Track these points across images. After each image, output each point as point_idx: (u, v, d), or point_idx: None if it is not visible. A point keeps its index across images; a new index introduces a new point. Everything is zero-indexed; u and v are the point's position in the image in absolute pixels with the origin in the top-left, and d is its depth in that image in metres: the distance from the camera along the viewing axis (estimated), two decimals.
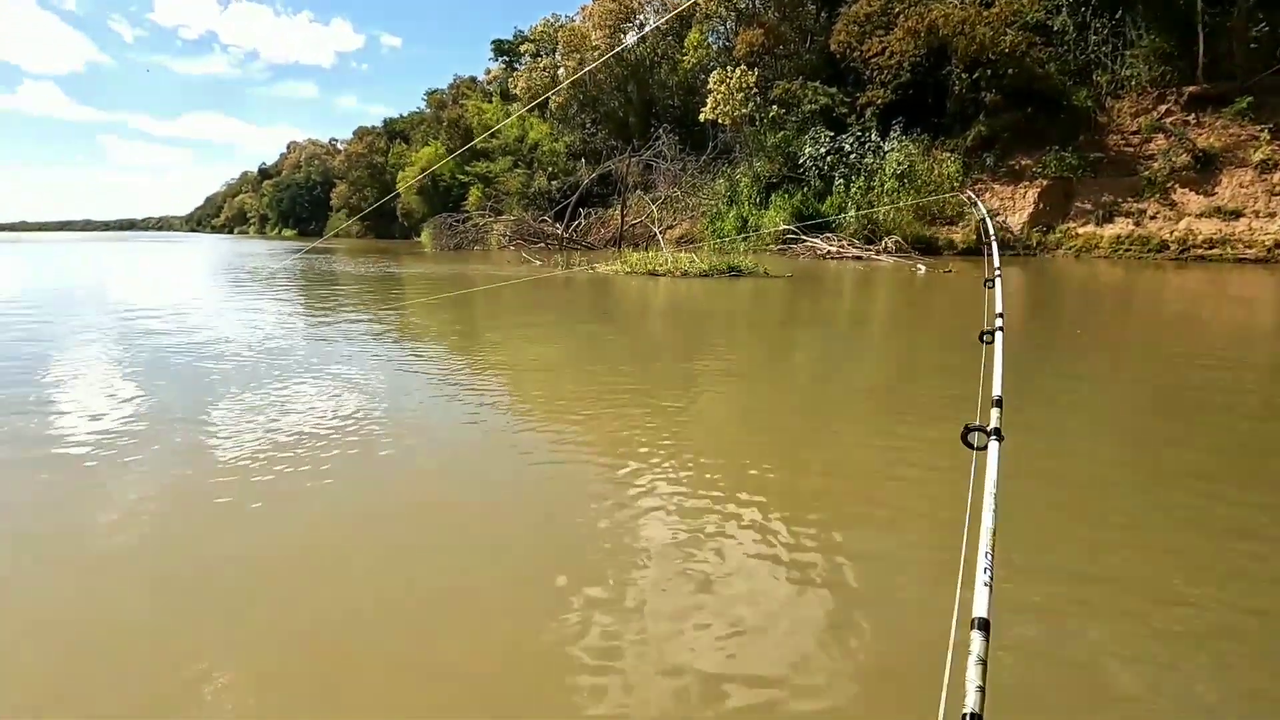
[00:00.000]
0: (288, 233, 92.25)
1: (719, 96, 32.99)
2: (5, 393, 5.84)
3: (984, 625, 0.93)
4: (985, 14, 27.71)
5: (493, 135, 47.24)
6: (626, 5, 42.48)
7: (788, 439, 4.84)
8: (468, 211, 39.56)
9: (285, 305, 13.70)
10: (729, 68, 33.46)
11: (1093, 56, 27.88)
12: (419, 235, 41.61)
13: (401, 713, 2.11)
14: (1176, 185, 24.41)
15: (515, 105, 48.95)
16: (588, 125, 44.62)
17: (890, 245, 25.10)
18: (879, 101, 30.22)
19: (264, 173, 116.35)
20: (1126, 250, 24.35)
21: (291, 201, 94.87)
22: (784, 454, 4.47)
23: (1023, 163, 27.89)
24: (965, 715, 0.81)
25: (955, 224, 27.88)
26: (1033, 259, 25.41)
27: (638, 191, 35.64)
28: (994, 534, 1.10)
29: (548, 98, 42.59)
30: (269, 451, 4.30)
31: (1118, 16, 27.12)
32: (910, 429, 4.97)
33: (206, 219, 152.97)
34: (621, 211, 34.42)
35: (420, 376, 6.71)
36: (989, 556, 1.04)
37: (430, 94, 66.68)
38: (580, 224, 35.70)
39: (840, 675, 2.19)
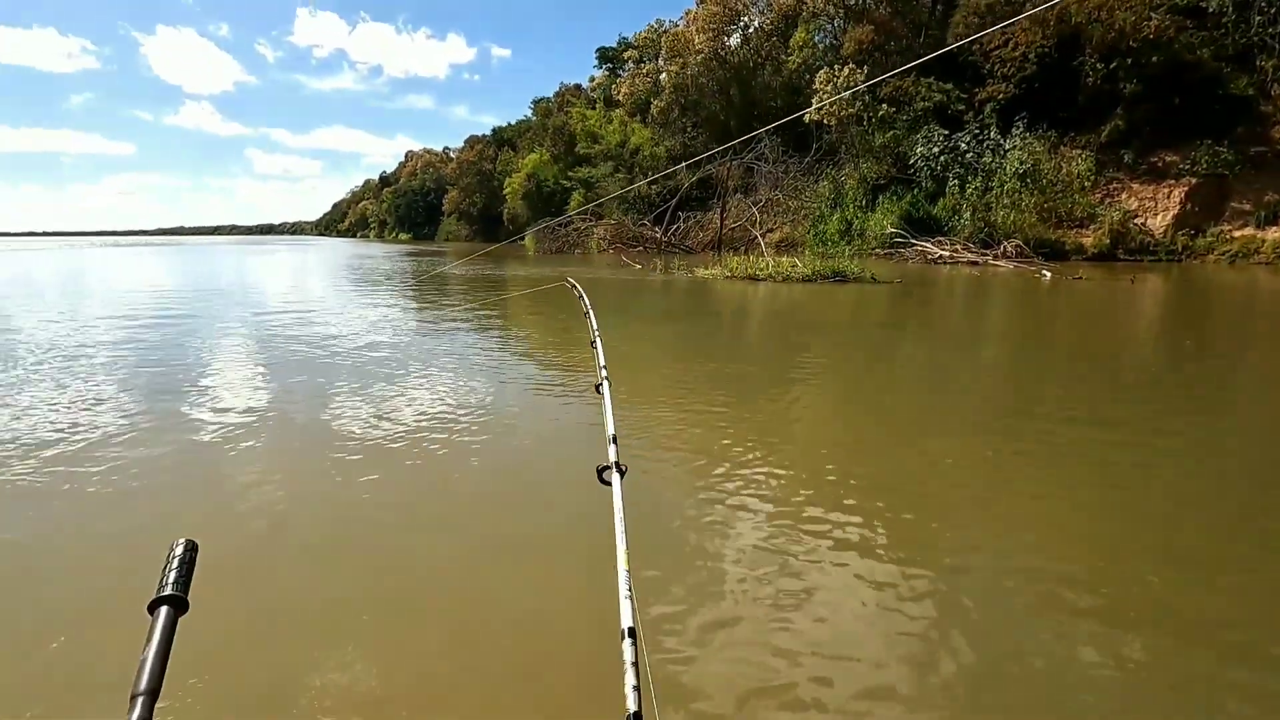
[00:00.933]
0: (404, 236, 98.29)
1: (825, 96, 32.09)
2: (185, 366, 6.56)
3: (631, 633, 1.00)
4: None
5: (595, 140, 48.27)
6: (731, 8, 42.20)
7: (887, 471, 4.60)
8: (569, 216, 40.59)
9: (404, 301, 14.56)
10: (836, 66, 32.51)
11: (1256, 39, 24.91)
12: (523, 239, 43.12)
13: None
14: None
15: (618, 111, 49.75)
16: (688, 129, 44.65)
17: (1010, 249, 23.50)
18: (1000, 96, 28.42)
19: (384, 180, 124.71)
20: None
21: (408, 207, 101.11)
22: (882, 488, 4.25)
23: (1167, 159, 25.37)
24: (628, 715, 0.87)
25: (1085, 226, 25.75)
26: (1176, 265, 23.05)
27: (738, 195, 35.31)
28: (628, 555, 1.19)
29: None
30: (395, 432, 4.58)
31: None
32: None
33: (333, 224, 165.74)
34: (721, 215, 34.21)
35: (520, 373, 6.92)
36: (626, 573, 1.14)
37: (536, 102, 69.13)
38: (679, 228, 35.80)
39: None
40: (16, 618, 2.72)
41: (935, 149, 28.37)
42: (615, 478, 1.47)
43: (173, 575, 0.73)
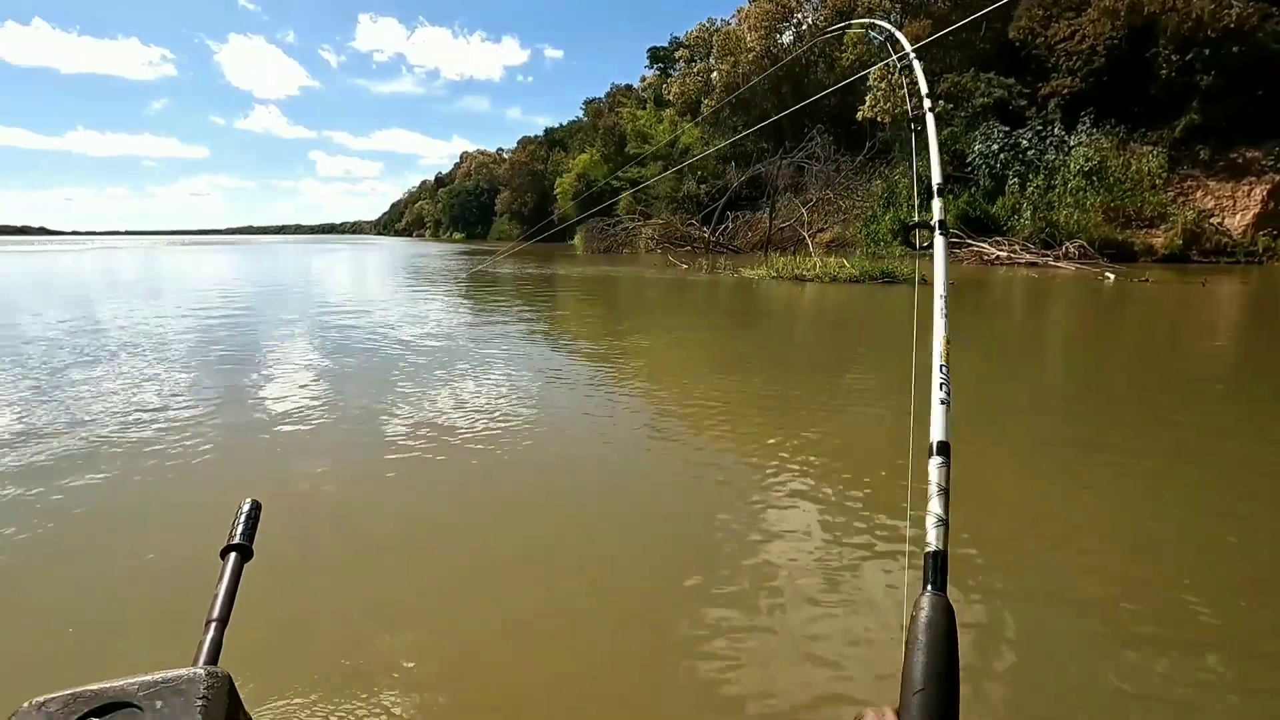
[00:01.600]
0: (457, 236, 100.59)
1: (879, 93, 31.51)
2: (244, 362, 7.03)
3: (943, 450, 0.81)
4: None
5: (645, 140, 48.46)
6: (784, 5, 41.77)
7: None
8: (618, 216, 40.87)
9: (457, 300, 15.00)
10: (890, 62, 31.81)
11: None
12: (572, 238, 43.66)
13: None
14: None
15: (668, 111, 49.84)
16: (739, 128, 44.38)
17: (1072, 250, 22.60)
18: (1065, 91, 27.33)
19: (439, 181, 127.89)
20: None
21: (461, 207, 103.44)
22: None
23: (1248, 155, 23.97)
24: (928, 553, 0.73)
25: (1155, 227, 24.53)
26: (1256, 268, 21.75)
27: (787, 194, 34.93)
28: (947, 344, 0.94)
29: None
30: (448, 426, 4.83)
31: None
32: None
33: (391, 223, 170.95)
34: (770, 215, 33.91)
35: (570, 372, 7.09)
36: (944, 371, 0.91)
37: (588, 103, 69.78)
38: (727, 227, 35.64)
39: None
40: (116, 557, 3.23)
41: (994, 146, 27.49)
42: (938, 240, 1.15)
43: (240, 528, 0.86)
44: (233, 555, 0.82)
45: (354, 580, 2.99)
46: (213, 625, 0.73)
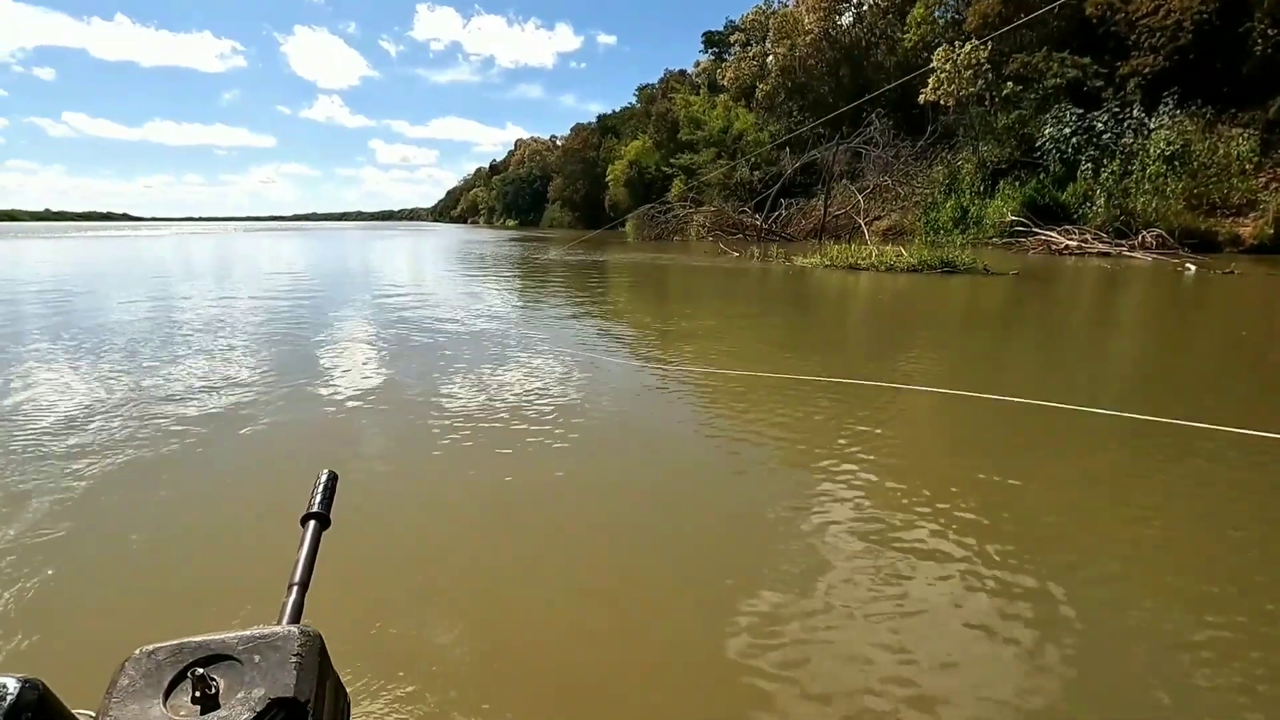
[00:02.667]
0: (510, 223, 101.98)
1: (943, 75, 30.30)
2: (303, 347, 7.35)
3: None
4: None
5: (698, 126, 47.90)
6: None
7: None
8: (669, 203, 40.64)
9: (508, 287, 15.27)
10: (956, 43, 30.55)
11: None
12: (624, 226, 43.67)
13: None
14: None
15: (722, 96, 49.12)
16: (794, 113, 43.44)
17: (1149, 240, 21.38)
18: (1146, 70, 25.74)
19: (494, 168, 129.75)
20: None
21: (515, 194, 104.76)
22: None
23: None
24: None
25: (1243, 215, 22.92)
26: None
27: (843, 181, 34.07)
28: None
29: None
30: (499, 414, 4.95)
31: None
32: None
33: (446, 210, 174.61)
34: (825, 202, 33.18)
35: (621, 365, 7.15)
36: None
37: (641, 89, 69.48)
38: (780, 215, 35.04)
39: None
40: (207, 520, 3.52)
41: (1066, 130, 26.12)
42: None
43: (319, 497, 0.89)
44: (312, 523, 0.85)
45: (414, 548, 3.16)
46: (294, 589, 0.76)
